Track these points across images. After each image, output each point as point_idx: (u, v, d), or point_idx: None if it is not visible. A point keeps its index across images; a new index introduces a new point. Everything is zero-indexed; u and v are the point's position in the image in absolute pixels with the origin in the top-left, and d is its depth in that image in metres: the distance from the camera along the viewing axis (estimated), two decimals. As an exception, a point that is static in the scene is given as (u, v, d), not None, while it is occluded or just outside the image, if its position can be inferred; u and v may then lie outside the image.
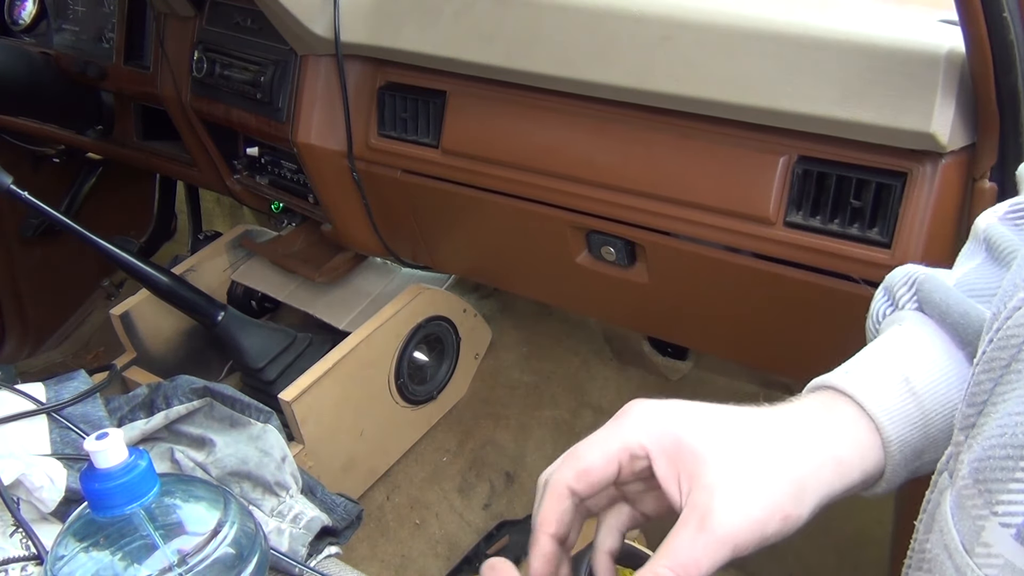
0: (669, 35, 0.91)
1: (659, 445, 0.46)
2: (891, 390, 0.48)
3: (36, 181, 1.61)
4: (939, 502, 0.42)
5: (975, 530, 0.37)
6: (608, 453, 0.47)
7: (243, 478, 0.80)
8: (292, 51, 1.24)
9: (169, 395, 0.86)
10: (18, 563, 0.67)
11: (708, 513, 0.44)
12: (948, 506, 0.40)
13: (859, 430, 0.47)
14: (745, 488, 0.45)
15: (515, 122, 1.07)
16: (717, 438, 0.46)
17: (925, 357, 0.49)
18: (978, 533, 0.37)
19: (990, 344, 0.39)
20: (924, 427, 0.48)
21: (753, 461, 0.45)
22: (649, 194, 0.98)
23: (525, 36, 1.01)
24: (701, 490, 0.44)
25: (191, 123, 1.46)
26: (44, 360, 2.02)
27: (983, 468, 0.37)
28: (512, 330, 1.71)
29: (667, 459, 0.46)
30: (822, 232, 0.87)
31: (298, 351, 1.45)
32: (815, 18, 0.85)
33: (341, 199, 1.31)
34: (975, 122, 0.78)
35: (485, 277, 1.46)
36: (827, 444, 0.47)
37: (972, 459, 0.38)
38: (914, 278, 0.52)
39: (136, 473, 0.55)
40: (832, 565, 1.33)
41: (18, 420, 0.80)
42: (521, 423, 1.61)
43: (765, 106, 0.85)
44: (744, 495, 0.44)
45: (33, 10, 1.66)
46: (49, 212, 1.32)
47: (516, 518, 1.51)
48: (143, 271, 1.40)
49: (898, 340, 0.50)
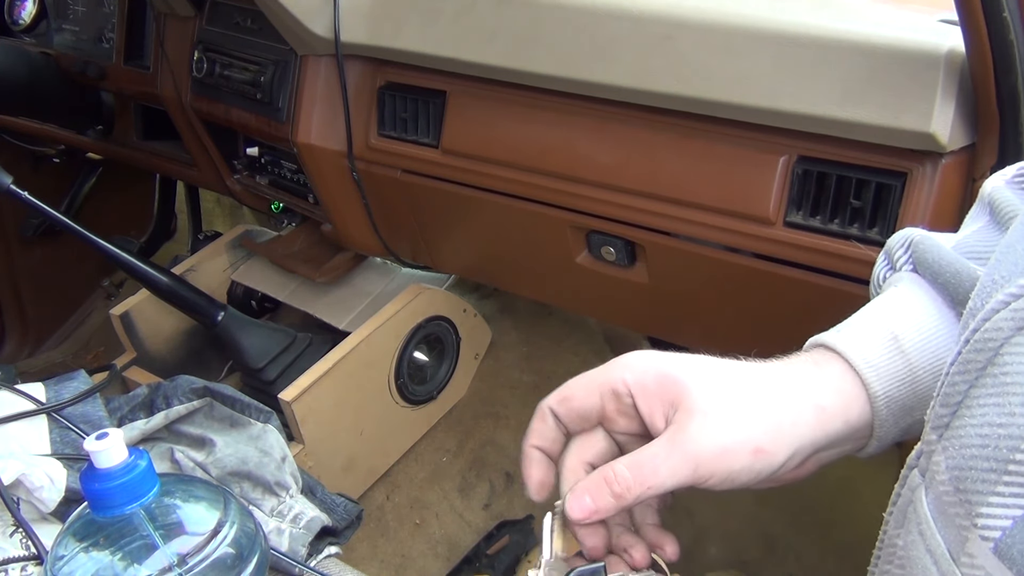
0: (669, 35, 0.91)
1: (641, 382, 0.49)
2: (878, 346, 0.49)
3: (36, 181, 1.61)
4: (911, 500, 0.42)
5: (960, 540, 0.37)
6: (590, 385, 0.51)
7: (243, 478, 0.80)
8: (292, 51, 1.24)
9: (169, 395, 0.86)
10: (18, 563, 0.67)
11: (680, 430, 0.46)
12: (927, 509, 0.40)
13: (844, 383, 0.48)
14: (721, 416, 0.46)
15: (515, 122, 1.07)
16: (702, 374, 0.48)
17: (914, 315, 0.50)
18: (963, 543, 0.37)
19: (966, 345, 0.39)
20: (912, 384, 0.49)
21: (734, 397, 0.47)
22: (649, 194, 0.98)
23: (525, 36, 1.01)
24: (681, 412, 0.47)
25: (191, 123, 1.46)
26: (44, 360, 2.02)
27: (963, 478, 0.37)
28: (512, 330, 1.71)
29: (649, 394, 0.48)
30: (822, 232, 0.87)
31: (298, 351, 1.45)
32: (815, 18, 0.85)
33: (341, 199, 1.31)
34: (975, 122, 0.78)
35: (485, 277, 1.46)
36: (809, 392, 0.48)
37: (951, 465, 0.38)
38: (910, 239, 0.53)
39: (136, 473, 0.55)
40: (832, 565, 1.33)
41: (18, 420, 0.80)
42: (521, 423, 1.61)
43: (765, 106, 0.85)
44: (719, 422, 0.46)
45: (33, 10, 1.66)
46: (49, 212, 1.32)
47: (516, 518, 1.51)
48: (143, 271, 1.40)
49: (889, 299, 0.51)
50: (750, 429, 0.46)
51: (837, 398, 0.48)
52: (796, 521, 1.42)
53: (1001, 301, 0.38)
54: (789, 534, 1.42)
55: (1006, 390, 0.36)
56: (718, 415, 0.46)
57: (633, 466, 0.46)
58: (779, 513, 1.44)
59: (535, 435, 0.52)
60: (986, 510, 0.36)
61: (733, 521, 1.43)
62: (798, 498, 1.44)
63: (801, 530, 1.41)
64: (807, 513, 1.42)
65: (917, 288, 0.51)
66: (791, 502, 1.44)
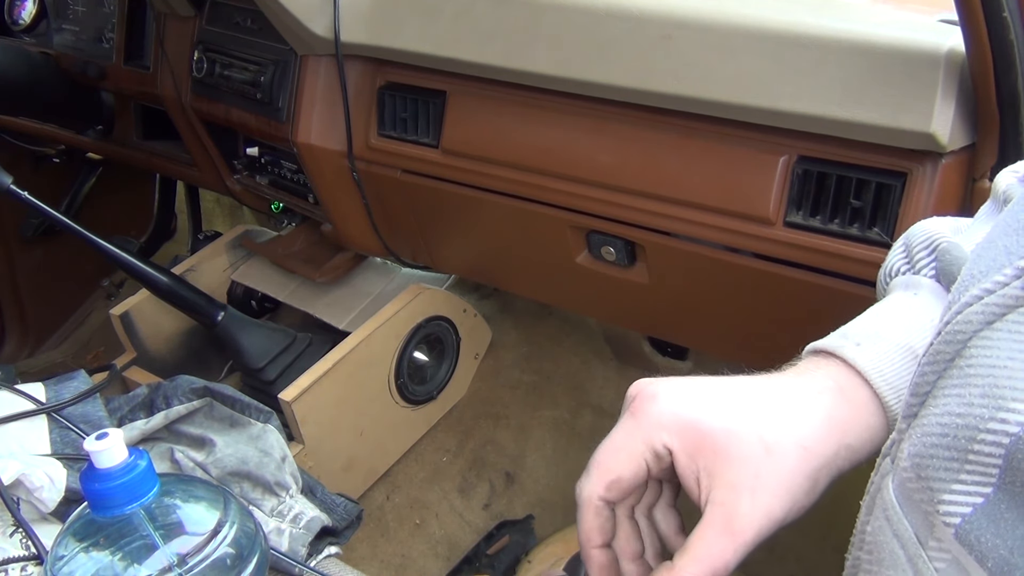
0: (669, 35, 0.91)
1: (682, 442, 0.46)
2: (898, 366, 0.48)
3: (36, 181, 1.61)
4: (880, 487, 0.43)
5: (928, 525, 0.38)
6: (634, 457, 0.47)
7: (243, 478, 0.80)
8: (292, 51, 1.24)
9: (169, 395, 0.86)
10: (18, 563, 0.67)
11: (733, 515, 0.45)
12: (892, 494, 0.41)
13: (870, 414, 0.48)
14: (766, 488, 0.45)
15: (515, 122, 1.07)
16: (737, 429, 0.46)
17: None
18: (931, 528, 0.38)
19: (938, 336, 0.40)
20: None
21: (773, 457, 0.46)
22: (649, 194, 0.98)
23: (525, 36, 1.01)
24: (724, 488, 0.45)
25: (191, 123, 1.46)
26: (44, 360, 2.02)
27: (925, 465, 0.38)
28: (512, 330, 1.71)
29: (688, 455, 0.46)
30: (822, 232, 0.87)
31: (298, 351, 1.45)
32: (815, 18, 0.85)
33: (341, 199, 1.31)
34: (975, 122, 0.78)
35: (485, 277, 1.46)
36: (841, 433, 0.47)
37: (913, 452, 0.39)
38: (936, 244, 0.52)
39: (136, 473, 0.55)
40: (832, 565, 1.33)
41: (18, 420, 0.80)
42: (521, 423, 1.61)
43: (765, 106, 0.85)
44: (766, 495, 0.45)
45: (33, 10, 1.66)
46: (49, 212, 1.32)
47: (516, 518, 1.51)
48: (143, 271, 1.40)
49: (909, 311, 0.51)
50: (793, 489, 0.46)
51: (865, 435, 0.48)
52: (796, 521, 1.42)
53: (974, 296, 0.38)
54: (789, 534, 1.41)
55: (968, 381, 0.37)
56: (763, 487, 0.45)
57: (694, 562, 0.45)
58: (779, 513, 1.43)
59: (597, 534, 0.49)
60: (948, 497, 0.37)
61: (733, 521, 1.43)
62: (798, 498, 1.44)
63: (801, 530, 1.41)
64: (807, 513, 1.42)
65: (939, 302, 0.50)
66: (791, 502, 1.43)
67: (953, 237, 0.52)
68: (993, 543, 0.35)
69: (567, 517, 1.45)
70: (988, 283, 0.38)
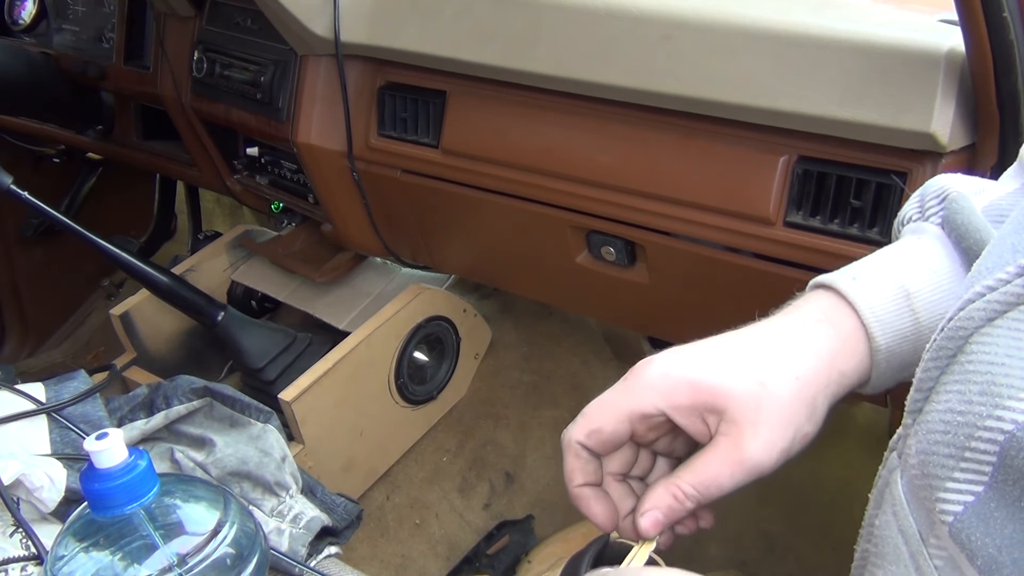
0: (669, 35, 0.91)
1: (673, 402, 0.48)
2: (890, 301, 0.50)
3: (36, 181, 1.61)
4: (888, 481, 0.44)
5: (930, 522, 0.39)
6: (618, 415, 0.49)
7: (243, 478, 0.80)
8: (292, 51, 1.24)
9: (169, 395, 0.86)
10: (18, 563, 0.67)
11: (739, 445, 0.47)
12: (901, 490, 0.42)
13: (858, 341, 0.50)
14: (767, 420, 0.47)
15: (515, 122, 1.07)
16: (732, 370, 0.48)
17: (931, 274, 0.51)
18: (932, 525, 0.39)
19: (941, 333, 0.40)
20: (915, 341, 0.50)
21: (770, 390, 0.47)
22: (649, 194, 0.98)
23: (525, 36, 1.01)
24: (729, 423, 0.47)
25: (191, 123, 1.46)
26: (44, 360, 2.02)
27: (928, 462, 0.39)
28: (512, 330, 1.71)
29: (685, 410, 0.48)
30: (822, 232, 0.87)
31: (298, 351, 1.45)
32: (815, 18, 0.85)
33: (341, 199, 1.31)
34: (975, 122, 0.78)
35: (485, 277, 1.46)
36: (832, 361, 0.49)
37: (919, 449, 0.40)
38: (946, 193, 0.53)
39: (136, 473, 0.55)
40: (832, 565, 1.33)
41: (18, 420, 0.80)
42: (521, 423, 1.61)
43: (765, 106, 0.85)
44: (767, 427, 0.47)
45: (33, 10, 1.66)
46: (49, 212, 1.32)
47: (516, 518, 1.51)
48: (143, 271, 1.40)
49: (909, 252, 0.52)
50: (795, 417, 0.48)
51: (854, 363, 0.50)
52: (796, 521, 1.42)
53: (977, 292, 0.39)
54: (789, 534, 1.42)
55: (968, 378, 0.38)
56: (767, 422, 0.47)
57: (699, 485, 0.47)
58: (779, 513, 1.44)
59: (577, 474, 0.52)
60: (943, 495, 0.38)
61: (733, 521, 1.43)
62: (798, 498, 1.44)
63: (801, 530, 1.41)
64: (807, 513, 1.42)
65: (940, 246, 0.52)
66: (791, 502, 1.44)
67: (963, 188, 0.53)
68: (983, 541, 0.35)
69: (567, 517, 1.45)
70: (991, 280, 0.38)
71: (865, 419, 1.46)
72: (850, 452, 1.41)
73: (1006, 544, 0.34)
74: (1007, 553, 0.34)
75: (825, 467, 1.43)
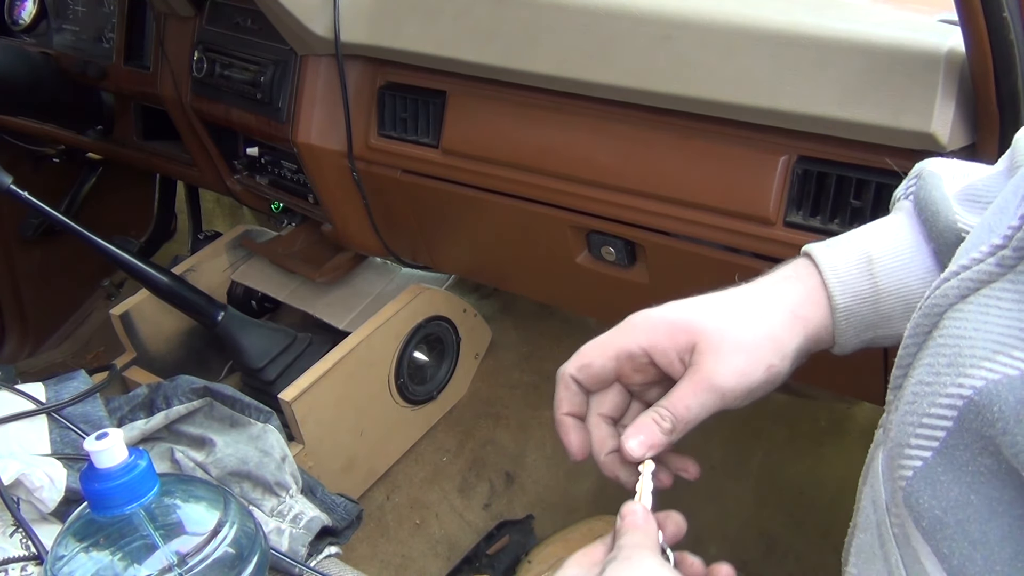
0: (669, 35, 0.91)
1: (654, 342, 0.55)
2: (851, 264, 0.55)
3: (36, 181, 1.61)
4: (873, 456, 0.46)
5: (895, 490, 0.41)
6: (606, 353, 0.56)
7: (243, 478, 0.80)
8: (292, 51, 1.24)
9: (169, 395, 0.86)
10: (18, 563, 0.67)
11: (700, 369, 0.52)
12: (880, 464, 0.44)
13: (818, 292, 0.55)
14: (734, 346, 0.53)
15: (515, 122, 1.07)
16: (707, 313, 0.54)
17: (894, 242, 0.55)
18: (894, 493, 0.41)
19: (919, 311, 0.43)
20: (875, 303, 0.54)
21: (739, 326, 0.53)
22: (649, 194, 0.98)
23: (525, 36, 1.01)
24: (697, 354, 0.53)
25: (191, 123, 1.46)
26: (44, 360, 2.02)
27: (900, 432, 0.41)
28: (512, 330, 1.71)
29: (664, 349, 0.54)
30: (822, 232, 0.87)
31: (298, 351, 1.45)
32: (815, 18, 0.85)
33: (341, 199, 1.31)
34: (975, 122, 0.78)
35: (485, 277, 1.46)
36: (790, 304, 0.55)
37: (897, 421, 0.42)
38: (921, 171, 0.58)
39: (136, 473, 0.55)
40: (832, 565, 1.33)
41: (18, 420, 0.80)
42: (521, 423, 1.61)
43: (765, 106, 0.85)
44: (730, 350, 0.53)
45: (33, 10, 1.66)
46: (49, 212, 1.32)
47: (516, 518, 1.51)
48: (143, 271, 1.40)
49: (881, 224, 0.57)
50: (757, 348, 0.53)
51: (815, 309, 0.55)
52: (796, 521, 1.42)
53: (952, 271, 0.41)
54: (789, 534, 1.42)
55: (939, 351, 0.40)
56: (731, 346, 0.52)
57: (671, 406, 0.53)
58: (779, 513, 1.44)
59: (564, 403, 0.58)
60: (902, 461, 0.40)
61: (733, 521, 1.43)
62: (798, 498, 1.44)
63: (801, 530, 1.41)
64: (807, 513, 1.42)
65: (906, 218, 0.56)
66: (791, 502, 1.44)
67: (942, 169, 0.57)
68: (929, 504, 0.38)
69: (567, 517, 1.45)
70: (965, 259, 0.40)
71: (865, 419, 1.46)
72: (850, 452, 1.41)
73: (951, 506, 0.36)
74: (952, 515, 0.36)
75: (825, 467, 1.43)
